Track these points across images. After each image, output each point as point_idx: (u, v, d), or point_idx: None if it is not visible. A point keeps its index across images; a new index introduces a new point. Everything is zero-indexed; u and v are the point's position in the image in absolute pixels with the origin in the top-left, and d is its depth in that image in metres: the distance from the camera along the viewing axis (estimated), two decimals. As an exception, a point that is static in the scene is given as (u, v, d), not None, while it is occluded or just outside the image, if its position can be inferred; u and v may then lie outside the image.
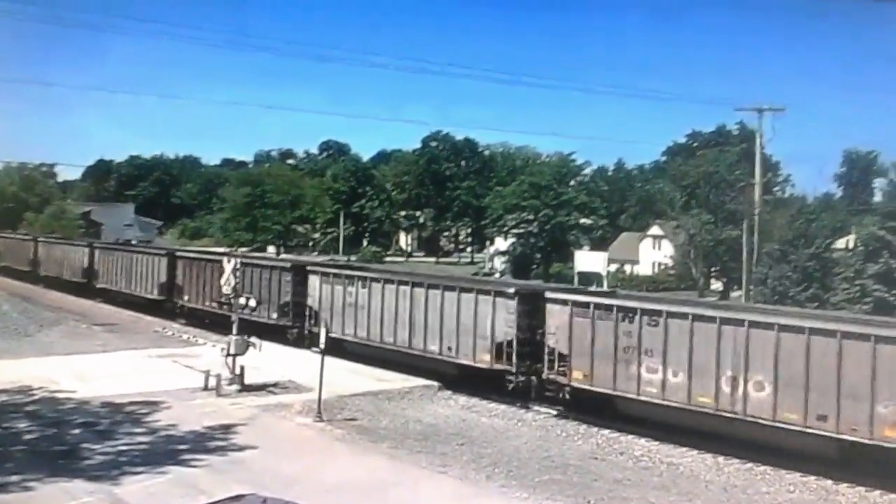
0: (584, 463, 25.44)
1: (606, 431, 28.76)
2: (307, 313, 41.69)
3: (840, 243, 64.72)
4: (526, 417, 30.82)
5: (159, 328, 48.95)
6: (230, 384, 32.04)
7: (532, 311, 32.23)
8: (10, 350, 40.37)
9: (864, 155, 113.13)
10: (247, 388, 32.20)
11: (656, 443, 27.48)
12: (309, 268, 43.74)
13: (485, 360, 33.16)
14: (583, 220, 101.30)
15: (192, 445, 25.10)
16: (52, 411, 28.45)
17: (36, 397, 30.38)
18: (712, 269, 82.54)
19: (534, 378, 32.13)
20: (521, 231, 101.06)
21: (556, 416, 30.92)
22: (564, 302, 31.04)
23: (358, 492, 21.69)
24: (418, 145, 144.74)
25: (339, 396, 31.28)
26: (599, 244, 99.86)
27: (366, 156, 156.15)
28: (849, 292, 51.41)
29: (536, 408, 31.89)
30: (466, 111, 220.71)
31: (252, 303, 34.68)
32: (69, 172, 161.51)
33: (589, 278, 79.91)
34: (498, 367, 32.67)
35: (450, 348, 34.63)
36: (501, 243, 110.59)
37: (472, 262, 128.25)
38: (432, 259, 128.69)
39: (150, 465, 22.98)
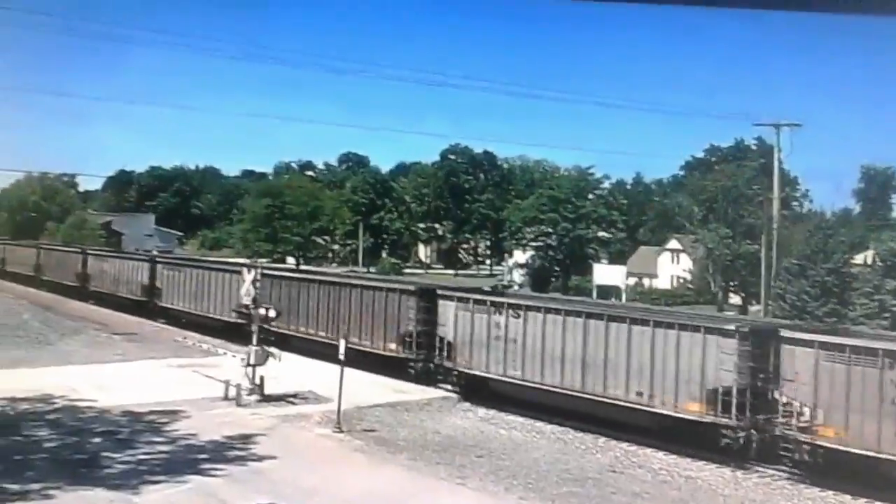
0: (602, 476, 25.46)
1: (625, 444, 28.75)
2: (437, 345, 36.63)
3: (858, 259, 64.53)
4: (545, 430, 30.82)
5: (179, 338, 49.18)
6: (250, 394, 32.18)
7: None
8: (30, 359, 40.63)
9: (881, 170, 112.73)
10: (266, 399, 32.33)
11: (675, 456, 27.46)
12: (440, 293, 38.12)
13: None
14: (601, 234, 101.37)
15: (211, 455, 25.23)
16: (72, 420, 28.61)
17: (57, 406, 30.53)
18: (731, 284, 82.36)
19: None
20: (540, 244, 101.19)
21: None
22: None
23: (377, 502, 21.79)
24: (437, 158, 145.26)
25: (358, 407, 31.39)
26: (618, 258, 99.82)
27: (385, 168, 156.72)
28: (867, 307, 51.34)
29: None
30: (484, 124, 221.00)
31: (272, 313, 34.76)
32: (90, 183, 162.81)
33: (608, 291, 79.88)
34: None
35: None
36: (520, 256, 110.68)
37: (491, 275, 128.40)
38: (451, 271, 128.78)
39: (169, 473, 23.12)
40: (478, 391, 34.42)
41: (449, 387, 35.58)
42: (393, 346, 38.20)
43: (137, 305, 58.72)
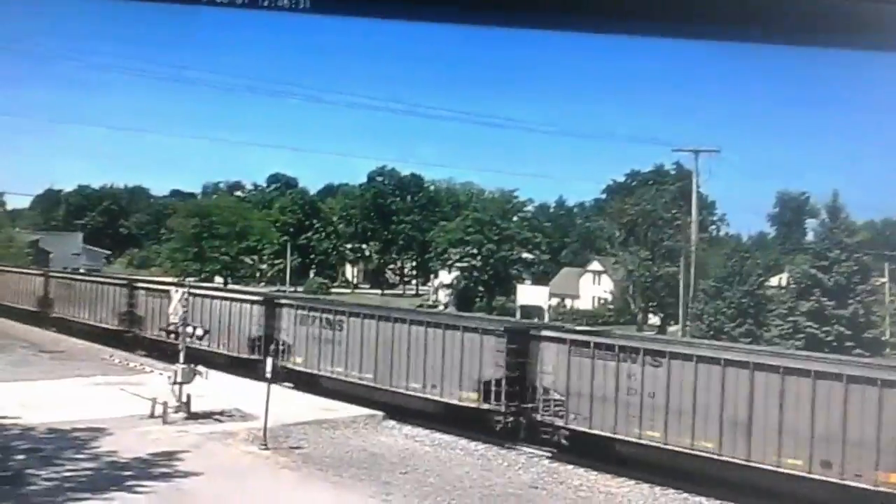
0: (524, 492, 26.11)
1: (547, 461, 29.50)
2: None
3: (773, 281, 66.46)
4: (469, 447, 31.43)
5: (107, 356, 48.90)
6: (176, 412, 32.29)
7: None
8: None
9: (796, 196, 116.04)
10: (193, 416, 32.44)
11: (595, 473, 28.23)
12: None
13: None
14: (525, 255, 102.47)
15: (137, 472, 25.31)
16: (-5, 438, 28.51)
17: (-21, 424, 30.38)
18: (650, 304, 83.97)
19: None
20: (465, 265, 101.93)
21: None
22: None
23: (303, 518, 22.16)
24: (364, 180, 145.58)
25: (285, 425, 31.66)
26: (541, 279, 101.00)
27: (313, 189, 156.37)
28: (782, 328, 52.79)
29: None
30: (412, 147, 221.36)
31: (199, 332, 34.92)
32: (18, 201, 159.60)
33: (531, 312, 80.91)
34: None
35: None
36: (445, 276, 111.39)
37: (416, 294, 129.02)
38: (378, 291, 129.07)
39: (94, 491, 23.16)
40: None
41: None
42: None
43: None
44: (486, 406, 31.80)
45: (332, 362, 38.28)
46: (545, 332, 31.80)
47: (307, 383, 39.32)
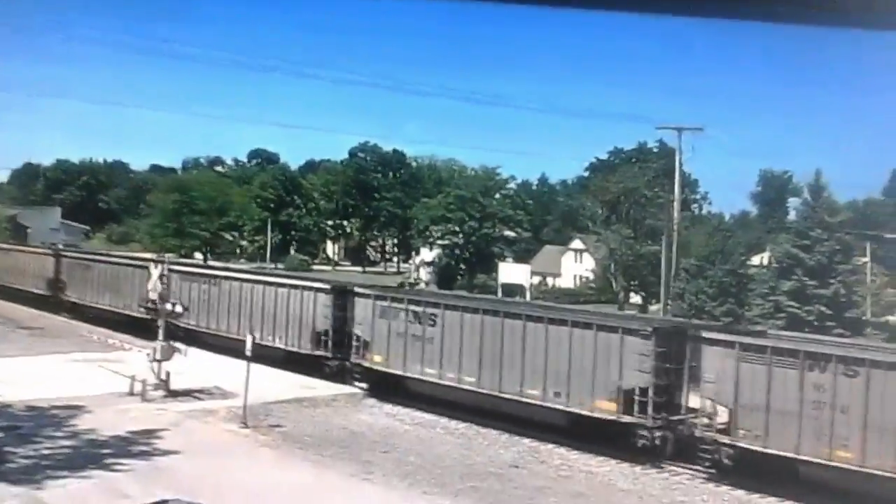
0: (505, 471, 26.08)
1: (528, 440, 29.41)
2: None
3: (755, 260, 66.44)
4: (449, 426, 31.31)
5: (85, 332, 48.56)
6: (155, 389, 32.08)
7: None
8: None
9: (778, 175, 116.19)
10: (172, 394, 32.28)
11: (576, 452, 28.19)
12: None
13: None
14: (507, 233, 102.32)
15: (115, 450, 25.22)
16: (-28, 416, 28.27)
17: (-44, 402, 30.11)
18: (632, 283, 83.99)
19: None
20: (447, 242, 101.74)
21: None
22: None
23: (281, 497, 22.05)
24: (346, 156, 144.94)
25: (265, 403, 31.53)
26: (523, 256, 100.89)
27: (294, 165, 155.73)
28: (763, 308, 52.76)
29: None
30: (396, 123, 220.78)
31: (178, 308, 34.66)
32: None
33: (512, 290, 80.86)
34: None
35: None
36: (427, 254, 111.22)
37: (398, 272, 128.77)
38: (359, 268, 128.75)
39: (73, 469, 23.08)
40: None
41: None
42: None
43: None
44: (626, 418, 27.45)
45: (421, 362, 33.23)
46: (707, 334, 27.59)
47: (387, 385, 34.88)
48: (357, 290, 38.38)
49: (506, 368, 30.60)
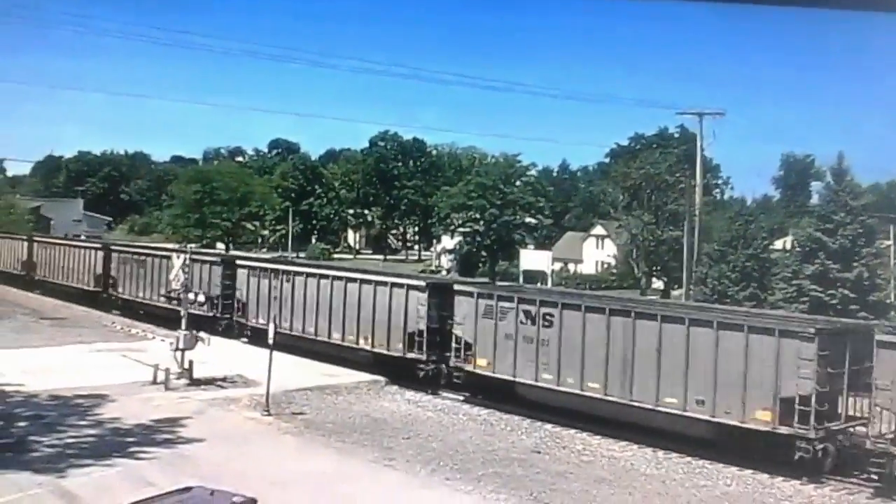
0: (527, 457, 26.03)
1: (549, 426, 29.36)
2: None
3: (778, 244, 66.10)
4: (472, 412, 31.31)
5: (108, 322, 48.84)
6: (178, 378, 32.23)
7: None
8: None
9: (801, 159, 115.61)
10: (195, 383, 32.42)
11: (598, 437, 28.14)
12: None
13: None
14: (528, 220, 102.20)
15: (139, 438, 25.32)
16: (-2, 404, 28.46)
17: (-18, 391, 30.32)
18: (654, 269, 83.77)
19: None
20: (468, 230, 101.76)
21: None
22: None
23: (305, 485, 22.06)
24: (366, 145, 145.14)
25: (287, 391, 31.62)
26: (544, 243, 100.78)
27: (315, 154, 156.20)
28: (786, 292, 52.43)
29: None
30: (415, 112, 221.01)
31: (201, 298, 34.82)
32: (18, 168, 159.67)
33: (534, 276, 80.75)
34: None
35: None
36: (448, 242, 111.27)
37: (419, 260, 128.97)
38: (380, 257, 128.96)
39: (97, 457, 23.17)
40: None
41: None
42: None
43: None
44: (784, 429, 25.13)
45: (536, 367, 30.66)
46: (883, 337, 24.33)
47: (493, 391, 32.36)
48: (457, 286, 35.55)
49: (637, 374, 28.21)
